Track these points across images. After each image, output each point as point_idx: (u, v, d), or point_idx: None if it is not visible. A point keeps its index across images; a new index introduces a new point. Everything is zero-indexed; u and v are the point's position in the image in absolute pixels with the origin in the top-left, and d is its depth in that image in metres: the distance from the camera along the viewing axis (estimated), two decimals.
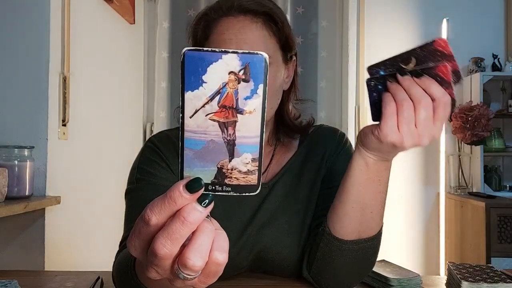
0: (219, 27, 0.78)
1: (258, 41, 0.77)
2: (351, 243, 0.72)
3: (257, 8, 0.78)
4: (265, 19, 0.79)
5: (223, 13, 0.78)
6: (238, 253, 0.82)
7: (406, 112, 0.58)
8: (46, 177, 1.44)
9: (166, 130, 0.91)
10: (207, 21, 0.80)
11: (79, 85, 1.65)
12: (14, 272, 1.01)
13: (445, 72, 0.57)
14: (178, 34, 2.67)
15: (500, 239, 2.32)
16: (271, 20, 0.79)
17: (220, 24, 0.78)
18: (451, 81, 0.58)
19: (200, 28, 0.81)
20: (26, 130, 1.44)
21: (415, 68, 0.59)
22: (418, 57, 0.59)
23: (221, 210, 0.84)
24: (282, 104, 0.87)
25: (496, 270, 0.85)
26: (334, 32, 2.70)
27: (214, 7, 0.80)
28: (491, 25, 2.88)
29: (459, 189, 2.74)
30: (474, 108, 2.56)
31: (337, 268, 0.75)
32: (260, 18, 0.78)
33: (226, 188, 0.41)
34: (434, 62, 0.59)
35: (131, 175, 0.84)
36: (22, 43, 1.45)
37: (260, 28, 0.78)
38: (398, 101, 0.59)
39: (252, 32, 0.77)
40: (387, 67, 0.61)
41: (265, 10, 0.78)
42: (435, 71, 0.58)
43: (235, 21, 0.78)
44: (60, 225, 1.51)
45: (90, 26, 1.80)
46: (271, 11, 0.79)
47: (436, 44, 0.58)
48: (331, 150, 0.90)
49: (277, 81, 0.81)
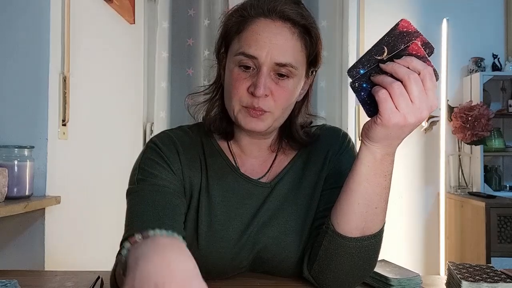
0: (254, 26, 0.78)
1: (290, 50, 0.77)
2: (355, 240, 0.73)
3: (298, 19, 0.78)
4: (302, 31, 0.79)
5: (263, 14, 0.78)
6: (238, 253, 0.82)
7: (398, 91, 0.61)
8: (46, 177, 1.44)
9: (167, 130, 0.91)
10: (244, 16, 0.80)
11: (79, 85, 1.65)
12: (14, 272, 1.00)
13: (416, 48, 0.62)
14: (178, 34, 2.67)
15: (500, 239, 2.32)
16: (307, 33, 0.80)
17: (257, 23, 0.78)
18: (425, 54, 0.62)
19: (235, 20, 0.81)
20: (26, 130, 1.44)
21: (390, 56, 0.63)
22: (389, 44, 0.63)
23: (222, 210, 0.84)
24: (293, 115, 0.87)
25: (496, 270, 0.85)
26: (334, 32, 2.70)
27: (254, 4, 0.79)
28: (491, 25, 2.88)
29: (459, 189, 2.74)
30: (474, 108, 2.56)
31: (339, 266, 0.75)
32: (298, 29, 0.78)
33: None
34: (404, 44, 0.63)
35: (132, 175, 0.84)
36: (22, 43, 1.45)
37: (295, 39, 0.78)
38: (388, 85, 0.61)
39: (286, 40, 0.77)
40: (364, 64, 0.64)
41: (304, 23, 0.79)
42: (408, 51, 0.62)
43: (272, 25, 0.77)
44: (60, 225, 1.51)
45: (90, 26, 1.80)
46: (310, 25, 0.80)
47: (400, 27, 0.62)
48: (333, 150, 0.90)
49: (295, 94, 0.82)
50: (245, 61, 0.77)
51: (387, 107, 0.62)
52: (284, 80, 0.78)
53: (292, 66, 0.77)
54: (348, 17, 2.71)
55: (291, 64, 0.77)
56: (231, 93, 0.79)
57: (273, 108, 0.78)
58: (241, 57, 0.77)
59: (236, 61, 0.78)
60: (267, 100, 0.77)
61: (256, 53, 0.76)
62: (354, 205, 0.72)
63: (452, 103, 2.75)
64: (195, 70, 2.63)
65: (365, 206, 0.71)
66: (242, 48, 0.77)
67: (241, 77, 0.78)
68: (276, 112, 0.79)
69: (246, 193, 0.85)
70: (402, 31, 0.62)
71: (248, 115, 0.78)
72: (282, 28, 0.77)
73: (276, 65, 0.77)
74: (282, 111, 0.81)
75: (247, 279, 0.87)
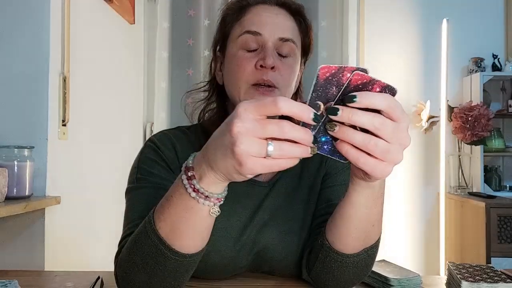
0: (254, 10, 0.83)
1: (290, 29, 0.83)
2: (353, 256, 0.71)
3: (293, 6, 0.84)
4: (297, 18, 0.85)
5: (261, 1, 0.83)
6: (238, 253, 0.82)
7: (369, 143, 0.49)
8: (46, 177, 1.44)
9: (165, 130, 0.91)
10: (242, 5, 0.84)
11: (79, 85, 1.65)
12: (14, 272, 1.01)
13: (360, 77, 0.49)
14: (178, 34, 2.67)
15: (500, 239, 2.32)
16: (302, 20, 0.86)
17: (256, 8, 0.83)
18: (371, 78, 0.49)
19: (234, 9, 0.85)
20: (26, 130, 1.43)
21: (336, 100, 0.50)
22: (322, 95, 0.50)
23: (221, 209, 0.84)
24: None
25: (496, 270, 0.85)
26: (334, 32, 2.70)
27: None
28: (491, 25, 2.88)
29: (459, 189, 2.74)
30: (474, 108, 2.56)
31: (337, 276, 0.75)
32: (293, 15, 0.85)
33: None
34: (336, 86, 0.50)
35: (131, 174, 0.84)
36: (22, 43, 1.45)
37: (292, 20, 0.84)
38: (352, 140, 0.49)
39: (286, 20, 0.83)
40: (311, 126, 0.50)
41: (299, 10, 0.85)
42: (352, 85, 0.50)
43: (271, 8, 0.83)
44: (60, 225, 1.51)
45: (90, 26, 1.80)
46: (303, 13, 0.86)
47: (355, 81, 0.49)
48: None
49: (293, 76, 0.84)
50: (250, 40, 0.80)
51: (368, 164, 0.50)
52: (287, 59, 0.82)
53: (293, 42, 0.82)
54: (348, 17, 2.71)
55: (293, 40, 0.82)
56: (237, 73, 0.80)
57: (280, 83, 0.80)
58: (246, 36, 0.80)
59: (240, 42, 0.81)
60: (275, 74, 0.79)
61: (260, 29, 0.80)
62: (351, 229, 0.68)
63: (452, 103, 2.75)
64: (195, 70, 2.63)
65: (363, 228, 0.68)
66: (246, 28, 0.81)
67: (247, 57, 0.80)
68: (282, 89, 0.81)
69: (244, 193, 0.85)
70: (357, 85, 0.49)
71: (257, 93, 0.79)
72: (280, 11, 0.83)
73: (279, 41, 0.80)
74: (287, 88, 0.83)
75: (247, 279, 0.87)
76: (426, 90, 2.82)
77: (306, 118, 0.47)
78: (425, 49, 2.84)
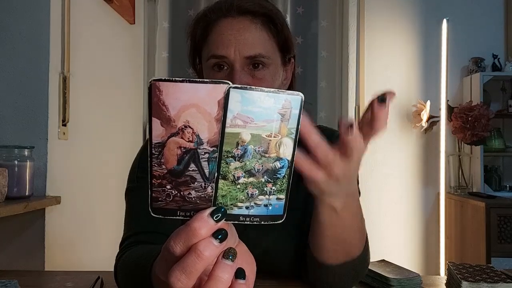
0: (218, 28, 0.78)
1: (257, 42, 0.77)
2: (339, 266, 0.71)
3: (257, 9, 0.78)
4: (265, 20, 0.79)
5: (222, 14, 0.78)
6: None
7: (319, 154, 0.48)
8: (46, 177, 1.44)
9: None
10: (206, 22, 0.80)
11: (79, 85, 1.65)
12: (14, 272, 1.01)
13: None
14: (178, 34, 2.67)
15: (500, 239, 2.32)
16: (270, 21, 0.79)
17: (219, 24, 0.78)
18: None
19: (199, 28, 0.81)
20: (26, 130, 1.44)
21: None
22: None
23: None
24: None
25: (496, 270, 0.85)
26: (334, 32, 2.70)
27: (213, 8, 0.80)
28: (491, 25, 2.88)
29: (459, 189, 2.74)
30: (474, 108, 2.56)
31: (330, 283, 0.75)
32: (260, 19, 0.78)
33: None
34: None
35: (131, 174, 0.84)
36: (22, 43, 1.45)
37: (259, 29, 0.78)
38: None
39: (251, 33, 0.77)
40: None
41: (264, 12, 0.79)
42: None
43: (234, 21, 0.78)
44: (60, 225, 1.51)
45: (90, 26, 1.80)
46: (270, 12, 0.79)
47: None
48: None
49: (275, 83, 0.81)
50: (218, 63, 0.78)
51: (309, 171, 0.50)
52: (260, 71, 0.78)
53: (263, 56, 0.77)
54: (348, 17, 2.71)
55: (262, 55, 0.77)
56: None
57: None
58: (212, 60, 0.78)
59: (209, 65, 0.79)
60: None
61: (224, 52, 0.76)
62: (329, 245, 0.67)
63: (452, 103, 2.75)
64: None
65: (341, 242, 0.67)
66: (211, 52, 0.78)
67: (219, 77, 0.78)
68: None
69: None
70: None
71: None
72: (244, 22, 0.78)
73: (247, 59, 0.77)
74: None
75: None
76: (426, 90, 2.82)
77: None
78: (425, 49, 2.84)
